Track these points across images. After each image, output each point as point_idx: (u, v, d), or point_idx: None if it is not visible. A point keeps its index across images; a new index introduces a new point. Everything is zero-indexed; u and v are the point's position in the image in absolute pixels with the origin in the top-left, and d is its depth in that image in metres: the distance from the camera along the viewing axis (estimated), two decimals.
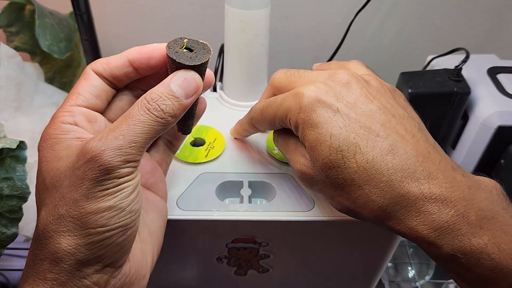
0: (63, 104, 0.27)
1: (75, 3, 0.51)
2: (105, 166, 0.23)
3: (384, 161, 0.26)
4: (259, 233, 0.37)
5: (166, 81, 0.26)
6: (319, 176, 0.29)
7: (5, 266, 0.71)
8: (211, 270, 0.41)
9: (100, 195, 0.23)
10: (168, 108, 0.25)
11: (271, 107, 0.32)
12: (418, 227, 0.26)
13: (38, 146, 0.26)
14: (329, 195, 0.30)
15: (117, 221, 0.24)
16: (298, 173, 0.31)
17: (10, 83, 0.46)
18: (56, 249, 0.23)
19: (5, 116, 0.45)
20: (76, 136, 0.26)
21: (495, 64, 0.58)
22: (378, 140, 0.27)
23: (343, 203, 0.29)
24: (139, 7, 0.68)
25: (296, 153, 0.31)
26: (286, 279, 0.43)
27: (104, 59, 0.29)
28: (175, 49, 0.27)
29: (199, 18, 0.69)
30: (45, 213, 0.24)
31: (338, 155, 0.27)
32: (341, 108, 0.28)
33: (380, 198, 0.27)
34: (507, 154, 0.51)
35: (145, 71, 0.29)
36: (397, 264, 0.67)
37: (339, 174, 0.28)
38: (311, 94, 0.29)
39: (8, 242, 0.38)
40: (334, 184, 0.28)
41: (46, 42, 0.52)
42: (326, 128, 0.28)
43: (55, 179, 0.24)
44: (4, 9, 0.53)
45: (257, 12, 0.40)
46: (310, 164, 0.30)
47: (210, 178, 0.37)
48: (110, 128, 0.25)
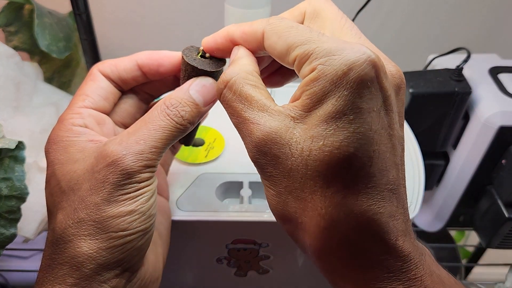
0: (71, 106, 0.27)
1: (74, 3, 0.51)
2: (126, 170, 0.23)
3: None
4: (259, 234, 0.37)
5: (185, 87, 0.26)
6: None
7: (4, 266, 0.71)
8: (211, 271, 0.41)
9: (121, 199, 0.23)
10: (188, 115, 0.25)
11: (311, 38, 0.22)
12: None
13: (47, 148, 0.26)
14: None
15: (138, 225, 0.24)
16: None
17: (9, 82, 0.46)
18: (77, 253, 0.23)
19: (3, 116, 0.45)
20: (89, 139, 0.25)
21: (497, 63, 0.57)
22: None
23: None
24: (138, 7, 0.68)
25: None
26: (286, 280, 0.43)
27: (111, 61, 0.28)
28: (192, 56, 0.27)
29: (199, 18, 0.69)
30: (62, 217, 0.24)
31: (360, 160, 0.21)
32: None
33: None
34: (508, 154, 0.51)
35: (153, 77, 0.29)
36: None
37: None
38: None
39: (7, 242, 0.38)
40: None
41: (45, 42, 0.52)
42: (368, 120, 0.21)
43: (73, 182, 0.24)
44: (3, 8, 0.53)
45: (257, 12, 0.40)
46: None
47: (210, 179, 0.37)
48: (128, 131, 0.25)
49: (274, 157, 0.21)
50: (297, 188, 0.21)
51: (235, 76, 0.23)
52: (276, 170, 0.21)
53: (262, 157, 0.22)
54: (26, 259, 0.73)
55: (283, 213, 0.22)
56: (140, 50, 0.29)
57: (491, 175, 0.53)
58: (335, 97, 0.20)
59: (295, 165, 0.21)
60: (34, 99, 0.50)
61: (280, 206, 0.22)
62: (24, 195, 0.39)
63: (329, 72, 0.20)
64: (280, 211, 0.22)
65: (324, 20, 0.24)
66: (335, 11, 0.24)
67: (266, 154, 0.21)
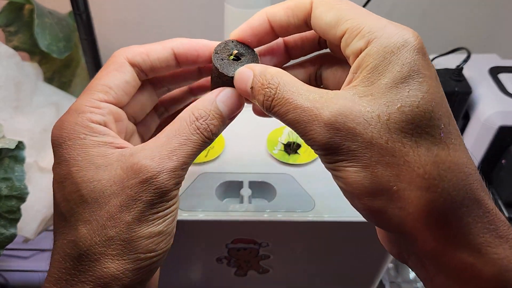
0: (89, 95, 0.24)
1: (74, 3, 0.51)
2: (161, 189, 0.22)
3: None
4: (259, 234, 0.36)
5: (212, 96, 0.25)
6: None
7: (4, 266, 0.71)
8: (211, 271, 0.41)
9: (151, 219, 0.23)
10: (215, 129, 0.24)
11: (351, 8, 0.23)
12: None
13: (59, 140, 0.23)
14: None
15: (164, 246, 0.23)
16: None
17: (9, 83, 0.46)
18: (104, 273, 0.22)
19: (4, 116, 0.45)
20: (109, 141, 0.23)
21: (497, 63, 0.57)
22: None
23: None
24: (138, 7, 0.68)
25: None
26: (286, 280, 0.43)
27: (141, 48, 0.26)
28: (222, 55, 0.25)
29: (199, 17, 0.69)
30: (87, 232, 0.22)
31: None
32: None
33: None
34: (508, 154, 0.51)
35: (186, 66, 0.27)
36: (398, 264, 0.67)
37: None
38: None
39: (7, 242, 0.38)
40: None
41: (45, 42, 0.52)
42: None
43: (97, 193, 0.22)
44: (3, 8, 0.53)
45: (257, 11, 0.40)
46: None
47: (210, 178, 0.37)
48: (156, 143, 0.23)
49: (350, 130, 0.21)
50: (384, 155, 0.20)
51: (281, 78, 0.23)
52: (355, 143, 0.21)
53: (335, 134, 0.21)
54: (26, 259, 0.73)
55: (373, 187, 0.21)
56: None
57: (491, 175, 0.53)
58: (399, 64, 0.21)
59: (376, 132, 0.20)
60: (34, 99, 0.50)
61: (367, 180, 0.21)
62: (24, 195, 0.39)
63: (387, 44, 0.21)
64: (369, 185, 0.21)
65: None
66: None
67: (340, 130, 0.21)
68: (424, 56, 0.21)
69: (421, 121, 0.20)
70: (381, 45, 0.21)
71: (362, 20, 0.22)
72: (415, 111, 0.20)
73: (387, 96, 0.20)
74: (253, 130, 0.42)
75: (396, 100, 0.20)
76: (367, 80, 0.21)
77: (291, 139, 0.40)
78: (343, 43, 0.23)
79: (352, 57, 0.22)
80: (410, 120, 0.20)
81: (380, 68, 0.21)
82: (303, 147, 0.40)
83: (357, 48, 0.22)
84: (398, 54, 0.21)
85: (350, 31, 0.22)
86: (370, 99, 0.21)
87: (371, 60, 0.21)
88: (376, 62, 0.21)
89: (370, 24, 0.22)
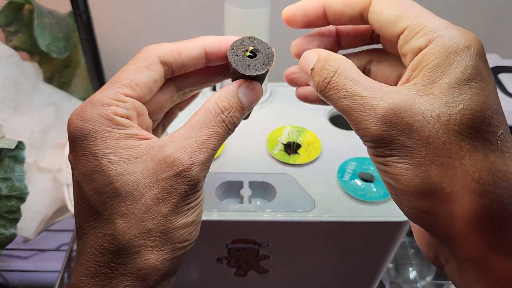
0: (114, 88, 0.24)
1: (74, 3, 0.51)
2: (194, 181, 0.23)
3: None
4: (259, 234, 0.36)
5: (233, 88, 0.25)
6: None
7: (4, 266, 0.71)
8: (211, 271, 0.41)
9: (185, 210, 0.23)
10: (238, 121, 0.25)
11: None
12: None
13: (82, 130, 0.23)
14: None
15: (195, 235, 0.24)
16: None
17: (9, 82, 0.46)
18: (144, 265, 0.22)
19: (3, 116, 0.45)
20: (134, 133, 0.23)
21: (497, 63, 0.57)
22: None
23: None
24: (138, 7, 0.68)
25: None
26: (286, 280, 0.43)
27: (172, 46, 0.26)
28: (237, 51, 0.25)
29: (199, 17, 0.69)
30: (125, 225, 0.22)
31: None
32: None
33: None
34: None
35: (215, 63, 0.27)
36: (398, 264, 0.67)
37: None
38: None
39: (7, 242, 0.38)
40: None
41: (45, 42, 0.52)
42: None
43: (131, 186, 0.22)
44: (3, 8, 0.53)
45: (257, 12, 0.40)
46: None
47: (210, 178, 0.37)
48: (184, 134, 0.23)
49: (407, 126, 0.20)
50: (440, 155, 0.20)
51: (342, 64, 0.23)
52: (411, 140, 0.20)
53: (391, 128, 0.21)
54: (26, 259, 0.73)
55: (424, 186, 0.20)
56: (140, 49, 0.27)
57: None
58: (463, 65, 0.20)
59: (434, 132, 0.20)
60: (34, 99, 0.49)
61: (419, 179, 0.20)
62: (24, 195, 0.39)
63: (450, 44, 0.21)
64: (420, 184, 0.20)
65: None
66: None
67: (396, 124, 0.20)
68: (485, 61, 0.21)
69: (480, 126, 0.20)
70: (444, 44, 0.21)
71: (424, 19, 0.22)
72: (476, 115, 0.20)
73: (449, 96, 0.20)
74: (253, 130, 0.42)
75: (458, 102, 0.20)
76: (428, 78, 0.21)
77: (291, 139, 0.40)
78: (402, 40, 0.23)
79: (411, 54, 0.22)
80: (470, 123, 0.20)
81: (442, 67, 0.21)
82: (303, 147, 0.40)
83: (417, 46, 0.22)
84: (462, 55, 0.21)
85: (410, 29, 0.22)
86: (431, 98, 0.20)
87: (433, 59, 0.21)
88: (438, 61, 0.21)
89: (432, 23, 0.22)
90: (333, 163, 0.39)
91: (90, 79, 0.59)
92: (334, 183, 0.38)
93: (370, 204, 0.36)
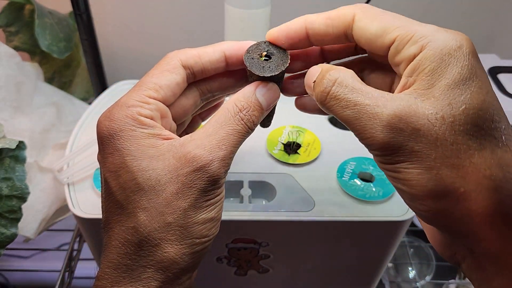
0: (138, 91, 0.25)
1: (74, 3, 0.51)
2: (214, 177, 0.23)
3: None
4: (259, 233, 0.37)
5: (251, 89, 0.26)
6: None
7: (5, 266, 0.71)
8: (211, 271, 0.41)
9: (205, 205, 0.24)
10: (257, 120, 0.26)
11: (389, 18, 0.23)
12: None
13: (109, 130, 0.24)
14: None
15: (215, 231, 0.25)
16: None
17: (10, 83, 0.46)
18: (164, 257, 0.23)
19: (4, 116, 0.45)
20: (157, 133, 0.24)
21: (496, 64, 0.57)
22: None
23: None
24: (138, 7, 0.68)
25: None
26: (286, 279, 0.43)
27: (193, 50, 0.27)
28: (252, 54, 0.26)
29: (199, 18, 0.69)
30: (147, 218, 0.23)
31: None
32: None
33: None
34: None
35: (234, 68, 0.28)
36: (398, 264, 0.67)
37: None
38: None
39: (8, 242, 0.38)
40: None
41: (46, 42, 0.52)
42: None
43: (153, 181, 0.23)
44: (3, 8, 0.53)
45: (257, 12, 0.40)
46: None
47: None
48: (205, 133, 0.24)
49: (414, 131, 0.21)
50: (449, 157, 0.20)
51: (342, 74, 0.23)
52: (419, 144, 0.21)
53: (398, 134, 0.21)
54: (27, 258, 0.73)
55: (437, 189, 0.21)
56: (140, 50, 0.27)
57: None
58: (459, 65, 0.21)
59: (441, 134, 0.20)
60: (34, 99, 0.50)
61: (431, 182, 0.21)
62: (25, 195, 0.39)
63: (443, 47, 0.21)
64: (433, 187, 0.21)
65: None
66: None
67: (403, 130, 0.21)
68: (478, 59, 0.22)
69: (484, 123, 0.20)
70: (437, 48, 0.21)
71: (411, 27, 0.22)
72: (479, 113, 0.20)
73: (450, 98, 0.21)
74: None
75: (460, 102, 0.20)
76: (427, 82, 0.21)
77: (291, 139, 0.41)
78: (393, 50, 0.23)
79: (405, 63, 0.22)
80: (475, 122, 0.20)
81: (439, 70, 0.21)
82: (303, 147, 0.40)
83: (410, 54, 0.22)
84: (455, 56, 0.21)
85: (400, 38, 0.22)
86: (433, 101, 0.21)
87: (428, 63, 0.21)
88: (434, 65, 0.21)
89: (421, 30, 0.22)
90: (333, 163, 0.39)
91: (91, 79, 0.59)
92: (333, 183, 0.38)
93: (370, 204, 0.36)
